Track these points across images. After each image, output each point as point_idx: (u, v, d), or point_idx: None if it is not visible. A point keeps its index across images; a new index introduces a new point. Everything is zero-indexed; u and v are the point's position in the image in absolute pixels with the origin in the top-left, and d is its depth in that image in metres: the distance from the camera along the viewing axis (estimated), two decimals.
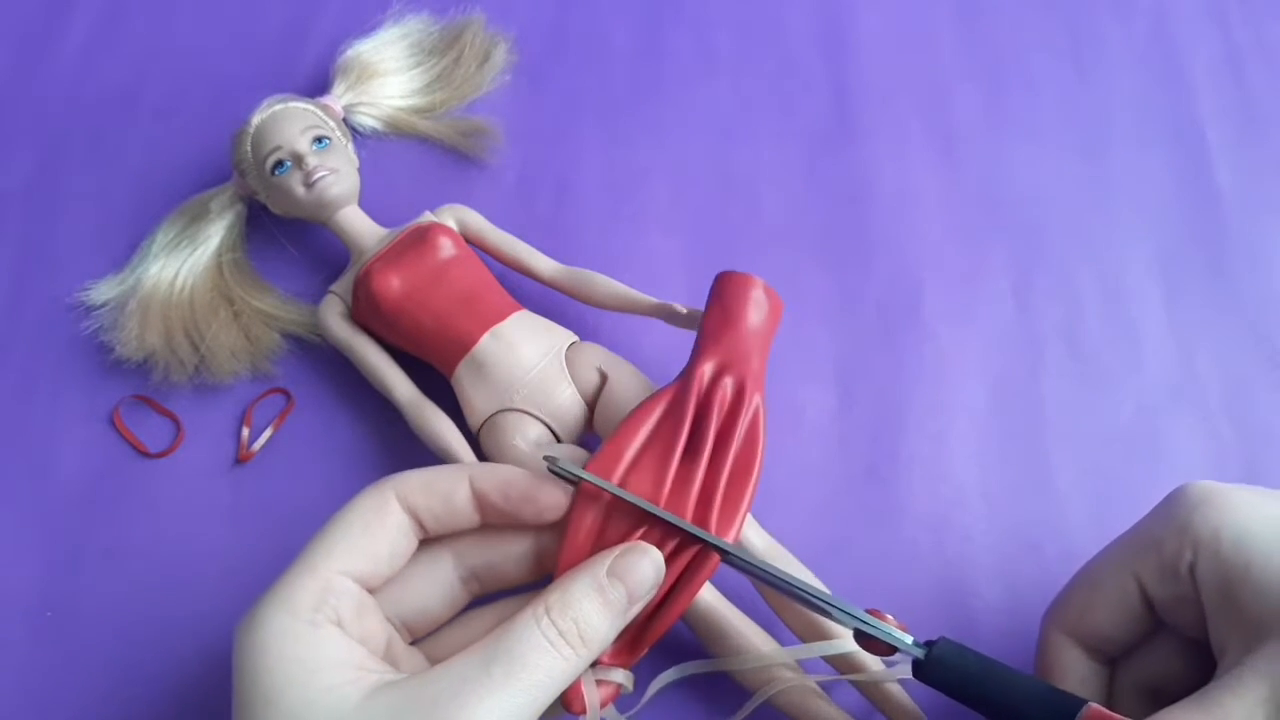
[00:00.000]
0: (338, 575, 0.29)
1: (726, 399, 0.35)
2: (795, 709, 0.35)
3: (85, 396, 0.43)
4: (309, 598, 0.28)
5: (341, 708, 0.26)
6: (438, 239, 0.41)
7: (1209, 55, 0.51)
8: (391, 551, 0.30)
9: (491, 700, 0.26)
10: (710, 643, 0.36)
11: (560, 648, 0.27)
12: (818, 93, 0.50)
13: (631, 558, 0.29)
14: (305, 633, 0.27)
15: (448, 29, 0.50)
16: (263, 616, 0.28)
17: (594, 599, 0.28)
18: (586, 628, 0.28)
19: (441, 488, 0.30)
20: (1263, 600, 0.28)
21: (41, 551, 0.41)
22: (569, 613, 0.28)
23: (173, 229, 0.45)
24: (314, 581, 0.28)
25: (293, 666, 0.27)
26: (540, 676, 0.27)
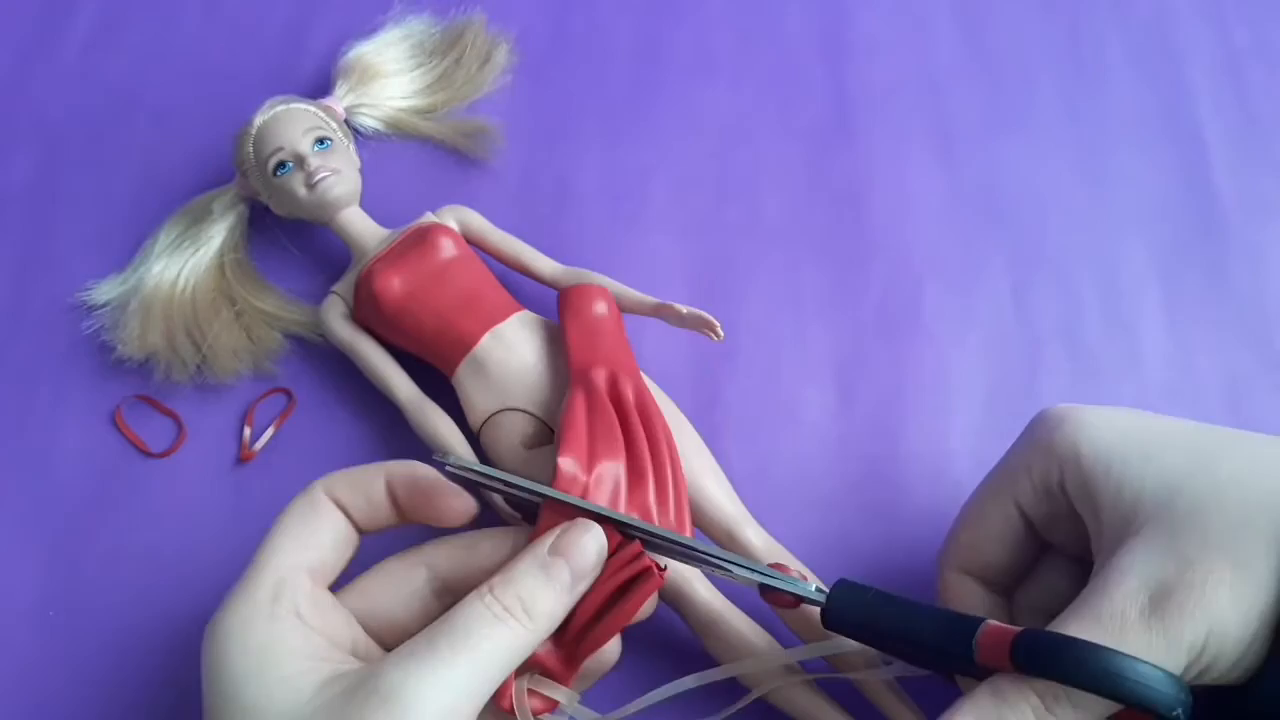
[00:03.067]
0: (289, 570, 0.29)
1: (631, 398, 0.37)
2: (796, 709, 0.35)
3: (87, 396, 0.43)
4: (266, 591, 0.29)
5: (297, 699, 0.26)
6: (439, 239, 0.41)
7: (1208, 56, 0.51)
8: (334, 542, 0.31)
9: (438, 675, 0.26)
10: (711, 645, 0.36)
11: (505, 620, 0.28)
12: (817, 93, 0.50)
13: (573, 534, 0.30)
14: (264, 625, 0.28)
15: (449, 30, 0.50)
16: (225, 613, 0.29)
17: (537, 574, 0.29)
18: (531, 602, 0.28)
19: (362, 483, 0.31)
20: (1120, 501, 0.29)
21: (43, 551, 0.41)
22: (512, 588, 0.28)
23: (175, 229, 0.45)
24: (269, 576, 0.29)
25: (252, 659, 0.27)
26: (487, 649, 0.27)
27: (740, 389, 0.43)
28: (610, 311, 0.40)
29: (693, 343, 0.43)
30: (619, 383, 0.38)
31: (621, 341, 0.40)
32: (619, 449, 0.36)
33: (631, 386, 0.38)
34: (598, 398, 0.37)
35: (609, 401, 0.37)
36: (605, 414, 0.37)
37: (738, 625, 0.36)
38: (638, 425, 0.37)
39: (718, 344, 0.41)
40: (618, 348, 0.39)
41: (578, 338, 0.39)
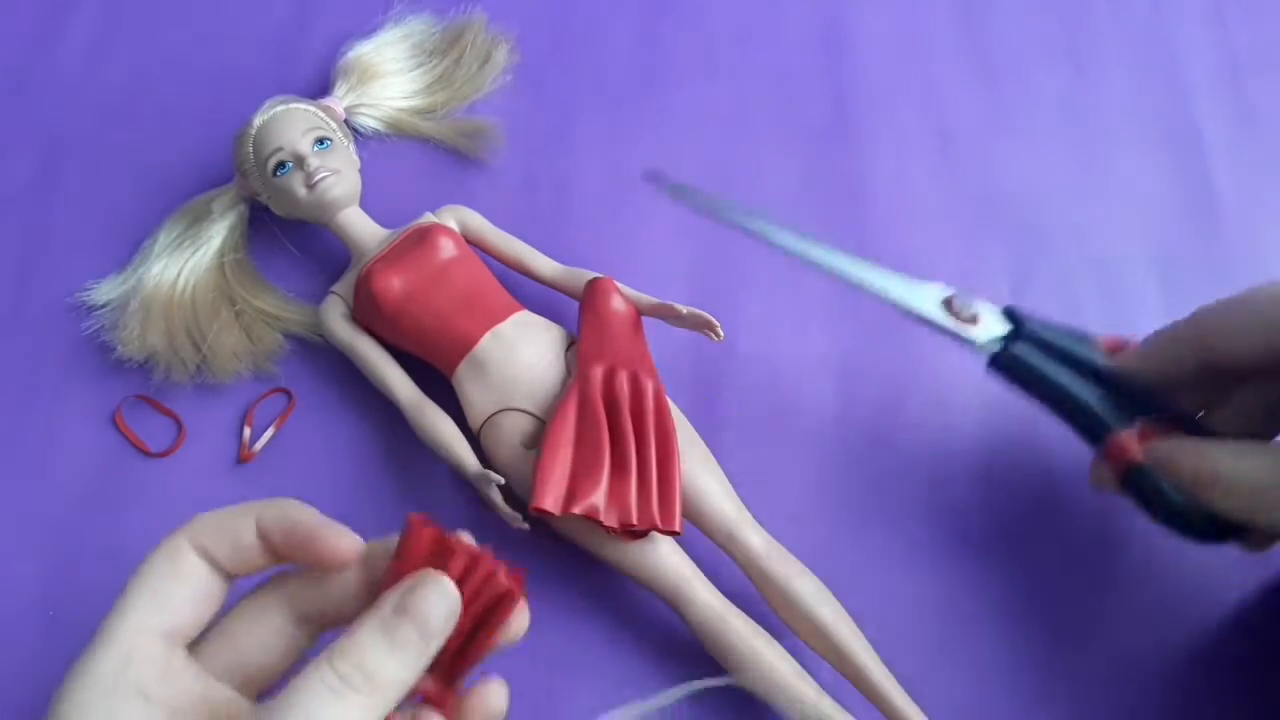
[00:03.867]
0: (140, 636, 0.27)
1: (626, 392, 0.38)
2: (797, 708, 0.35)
3: (87, 396, 0.43)
4: (108, 667, 0.26)
5: None
6: (438, 239, 0.41)
7: (1207, 56, 0.51)
8: (193, 598, 0.28)
9: None
10: (711, 646, 0.36)
11: (343, 694, 0.25)
12: (818, 93, 0.50)
13: (420, 591, 0.26)
14: (102, 706, 0.26)
15: (449, 30, 0.50)
16: (65, 688, 0.26)
17: (378, 638, 0.26)
18: (375, 670, 0.25)
19: (229, 529, 0.28)
20: None
21: (43, 551, 0.41)
22: (351, 656, 0.25)
23: (175, 229, 0.45)
24: (115, 650, 0.26)
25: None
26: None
27: (740, 389, 0.43)
28: (627, 306, 0.41)
29: (693, 343, 0.43)
30: (615, 379, 0.38)
31: (633, 335, 0.40)
32: (601, 453, 0.36)
33: (630, 380, 0.38)
34: (589, 399, 0.37)
35: (601, 401, 0.37)
36: (593, 416, 0.37)
37: (738, 626, 0.36)
38: (627, 421, 0.37)
39: (718, 344, 0.41)
40: (628, 342, 0.40)
41: (588, 333, 0.40)
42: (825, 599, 0.36)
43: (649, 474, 0.37)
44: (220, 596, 0.29)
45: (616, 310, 0.40)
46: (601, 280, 0.41)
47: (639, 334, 0.41)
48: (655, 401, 0.38)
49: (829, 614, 0.36)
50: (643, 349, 0.40)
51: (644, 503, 0.36)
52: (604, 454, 0.36)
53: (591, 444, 0.37)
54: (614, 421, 0.37)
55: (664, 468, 0.37)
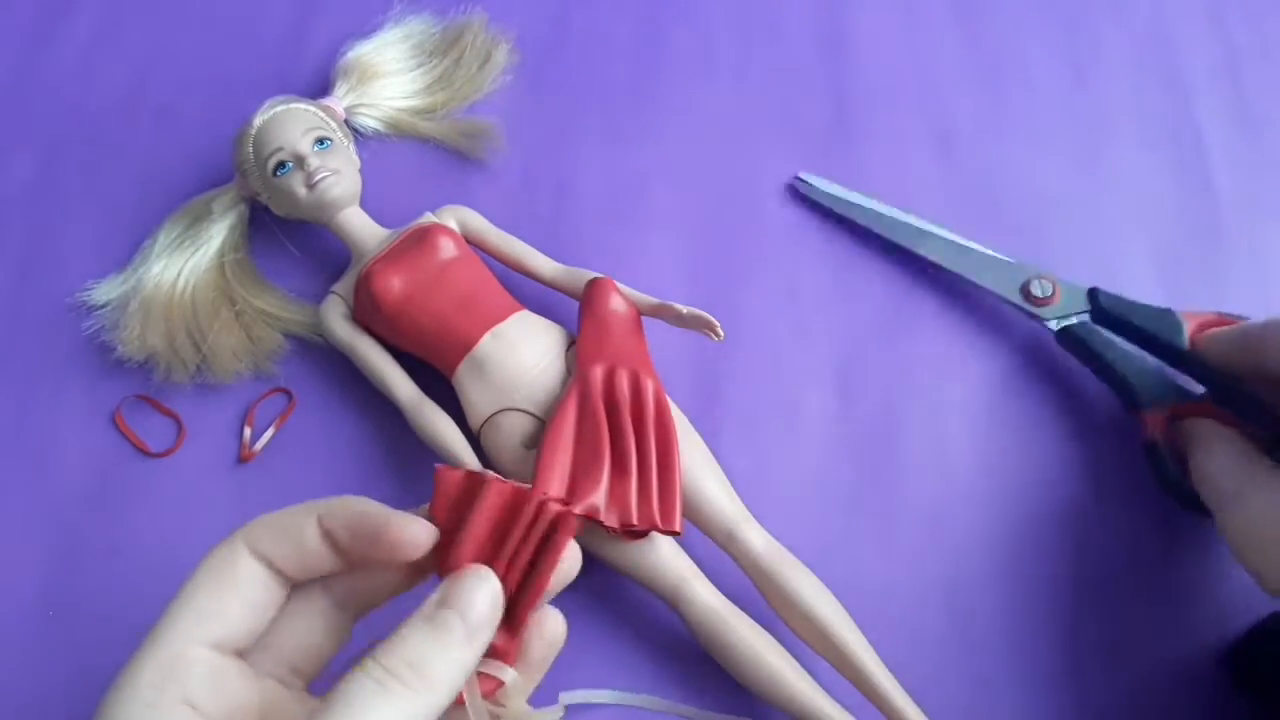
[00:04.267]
0: (188, 647, 0.26)
1: (626, 392, 0.38)
2: (797, 708, 0.35)
3: (87, 396, 0.43)
4: (153, 677, 0.25)
5: None
6: (438, 239, 0.41)
7: (1207, 56, 0.51)
8: (248, 607, 0.27)
9: None
10: (711, 647, 0.36)
11: (392, 687, 0.24)
12: (818, 93, 0.50)
13: (463, 583, 0.26)
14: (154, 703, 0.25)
15: (449, 30, 0.50)
16: (107, 704, 0.26)
17: (424, 632, 0.25)
18: (422, 665, 0.24)
19: (291, 531, 0.27)
20: None
21: (43, 550, 0.41)
22: (397, 651, 0.25)
23: (175, 229, 0.45)
24: (159, 659, 0.26)
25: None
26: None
27: (740, 389, 0.43)
28: (627, 306, 0.41)
29: (693, 343, 0.43)
30: (615, 378, 0.38)
31: (633, 335, 0.40)
32: (601, 452, 0.36)
33: (630, 380, 0.38)
34: (589, 399, 0.37)
35: (601, 401, 0.37)
36: (593, 416, 0.37)
37: (738, 626, 0.36)
38: (627, 421, 0.37)
39: (718, 344, 0.41)
40: (628, 342, 0.40)
41: (588, 333, 0.40)
42: (825, 598, 0.36)
43: (649, 474, 0.37)
44: (279, 602, 0.28)
45: (616, 310, 0.40)
46: (601, 280, 0.41)
47: (639, 334, 0.41)
48: (655, 401, 0.38)
49: (829, 613, 0.36)
50: (643, 349, 0.40)
51: (644, 503, 0.36)
52: (604, 454, 0.36)
53: (591, 444, 0.37)
54: (614, 421, 0.37)
55: (664, 468, 0.37)
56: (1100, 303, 0.42)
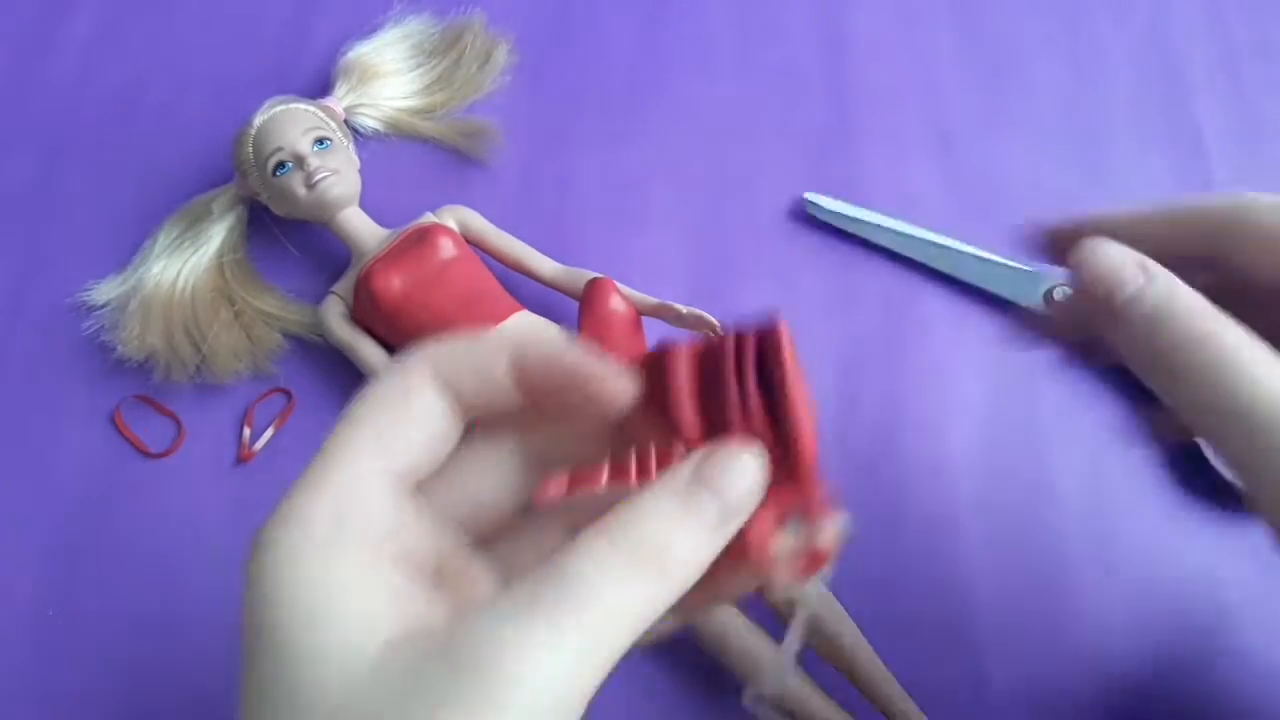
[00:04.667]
0: (365, 476, 0.22)
1: None
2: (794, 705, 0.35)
3: (86, 396, 0.43)
4: (326, 511, 0.21)
5: (356, 670, 0.19)
6: (438, 239, 0.41)
7: (1207, 55, 0.51)
8: (429, 435, 0.23)
9: (544, 644, 0.19)
10: (712, 649, 0.36)
11: (631, 570, 0.20)
12: (818, 93, 0.50)
13: (719, 459, 0.22)
14: (319, 566, 0.21)
15: (448, 30, 0.50)
16: (270, 539, 0.21)
17: (671, 509, 0.21)
18: (666, 543, 0.21)
19: (479, 359, 0.23)
20: None
21: (43, 550, 0.41)
22: (635, 529, 0.21)
23: (174, 229, 0.45)
24: (334, 486, 0.22)
25: (300, 612, 0.20)
26: (608, 609, 0.20)
27: None
28: (626, 306, 0.41)
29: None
30: None
31: (633, 335, 0.40)
32: None
33: None
34: None
35: None
36: None
37: (738, 626, 0.36)
38: None
39: None
40: (628, 342, 0.40)
41: (588, 332, 0.40)
42: (825, 599, 0.36)
43: (649, 474, 0.36)
44: (454, 440, 0.24)
45: (616, 310, 0.40)
46: (601, 280, 0.41)
47: (639, 334, 0.41)
48: None
49: (829, 614, 0.36)
50: (643, 349, 0.40)
51: None
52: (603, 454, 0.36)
53: None
54: None
55: (664, 468, 0.37)
56: None
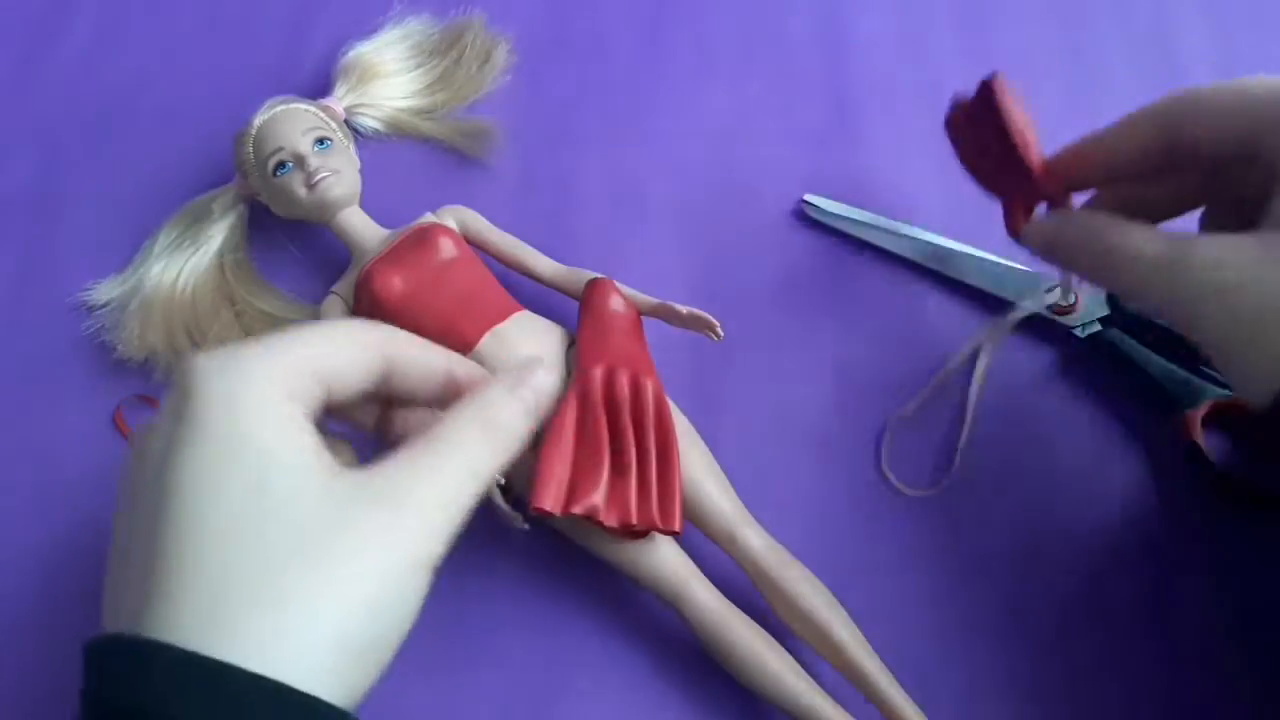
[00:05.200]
0: (311, 376, 0.28)
1: (626, 392, 0.37)
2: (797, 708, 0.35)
3: (87, 396, 0.43)
4: (283, 374, 0.27)
5: (308, 484, 0.25)
6: (438, 240, 0.41)
7: (1207, 55, 0.51)
8: (355, 381, 0.29)
9: (435, 479, 0.27)
10: (711, 648, 0.36)
11: (476, 433, 0.29)
12: (818, 93, 0.50)
13: (532, 370, 0.31)
14: (278, 398, 0.26)
15: (448, 30, 0.50)
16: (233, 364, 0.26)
17: (505, 394, 0.30)
18: (506, 418, 0.30)
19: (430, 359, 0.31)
20: None
21: (43, 550, 0.41)
22: (481, 408, 0.29)
23: (175, 230, 0.45)
24: (288, 367, 0.27)
25: (269, 419, 0.26)
26: (465, 455, 0.28)
27: (740, 389, 0.43)
28: (626, 306, 0.41)
29: (693, 343, 0.43)
30: (615, 379, 0.38)
31: (633, 336, 0.40)
32: (601, 453, 0.36)
33: (630, 380, 0.38)
34: (589, 400, 0.37)
35: (601, 402, 0.37)
36: (593, 417, 0.37)
37: (738, 626, 0.36)
38: (627, 421, 0.37)
39: (717, 344, 0.41)
40: (627, 342, 0.40)
41: (588, 333, 0.40)
42: (825, 599, 0.36)
43: (649, 474, 0.36)
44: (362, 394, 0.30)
45: (616, 310, 0.40)
46: (601, 280, 0.41)
47: (639, 334, 0.41)
48: (655, 402, 0.38)
49: (829, 614, 0.36)
50: (642, 349, 0.40)
51: (644, 503, 0.36)
52: (604, 455, 0.36)
53: (591, 445, 0.37)
54: (614, 422, 0.37)
55: (664, 468, 0.37)
56: (1120, 307, 0.42)
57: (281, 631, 0.24)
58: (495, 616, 0.39)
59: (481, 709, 0.38)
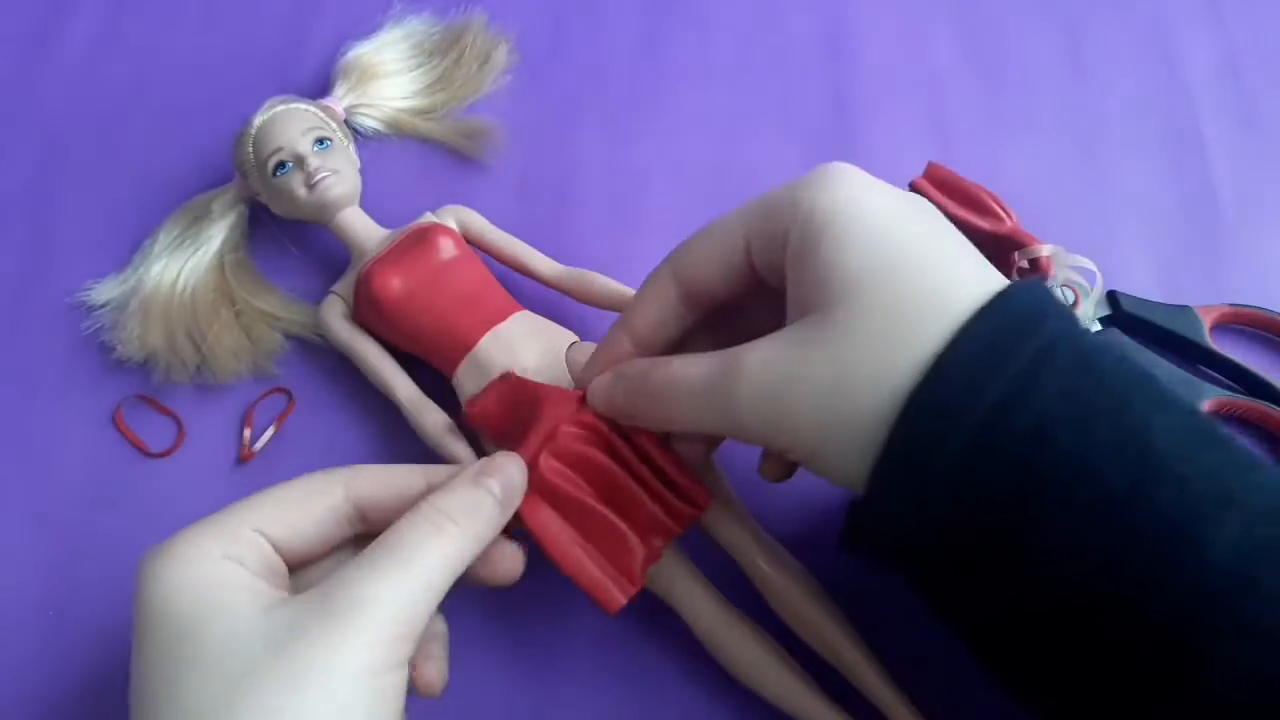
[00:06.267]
0: (251, 530, 0.28)
1: (565, 460, 0.34)
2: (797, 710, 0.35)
3: (87, 396, 0.43)
4: (215, 539, 0.28)
5: (239, 623, 0.26)
6: (438, 239, 0.41)
7: (1207, 55, 0.51)
8: (318, 529, 0.30)
9: (396, 584, 0.27)
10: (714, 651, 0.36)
11: (445, 527, 0.28)
12: (818, 93, 0.50)
13: (497, 460, 0.31)
14: (207, 561, 0.27)
15: (449, 30, 0.50)
16: (163, 549, 0.28)
17: (470, 488, 0.30)
18: (465, 513, 0.29)
19: (396, 481, 0.31)
20: (812, 280, 0.29)
21: (43, 551, 0.41)
22: (448, 501, 0.29)
23: (174, 229, 0.45)
24: (223, 529, 0.28)
25: (189, 590, 0.27)
26: (424, 559, 0.28)
27: None
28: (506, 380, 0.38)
29: None
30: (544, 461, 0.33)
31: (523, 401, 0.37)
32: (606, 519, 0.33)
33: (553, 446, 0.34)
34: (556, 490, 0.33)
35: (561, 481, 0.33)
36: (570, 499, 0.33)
37: (740, 627, 0.36)
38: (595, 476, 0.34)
39: None
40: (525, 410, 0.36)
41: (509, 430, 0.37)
42: (826, 601, 0.36)
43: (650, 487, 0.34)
44: (337, 541, 0.31)
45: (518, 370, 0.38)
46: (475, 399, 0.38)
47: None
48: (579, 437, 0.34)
49: (830, 616, 0.36)
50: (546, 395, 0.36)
51: (670, 509, 0.34)
52: (608, 517, 0.34)
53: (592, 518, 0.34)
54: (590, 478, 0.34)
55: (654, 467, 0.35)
56: (1121, 305, 0.42)
57: None
58: (496, 614, 0.39)
59: (481, 707, 0.38)
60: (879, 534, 0.29)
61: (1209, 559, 0.24)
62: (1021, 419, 0.26)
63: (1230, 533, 0.25)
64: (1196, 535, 0.25)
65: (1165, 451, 0.25)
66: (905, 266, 0.28)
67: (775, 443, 0.30)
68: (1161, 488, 0.25)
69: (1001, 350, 0.26)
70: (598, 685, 0.38)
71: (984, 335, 0.27)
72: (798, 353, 0.29)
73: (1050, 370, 0.26)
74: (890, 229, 0.29)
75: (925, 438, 0.27)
